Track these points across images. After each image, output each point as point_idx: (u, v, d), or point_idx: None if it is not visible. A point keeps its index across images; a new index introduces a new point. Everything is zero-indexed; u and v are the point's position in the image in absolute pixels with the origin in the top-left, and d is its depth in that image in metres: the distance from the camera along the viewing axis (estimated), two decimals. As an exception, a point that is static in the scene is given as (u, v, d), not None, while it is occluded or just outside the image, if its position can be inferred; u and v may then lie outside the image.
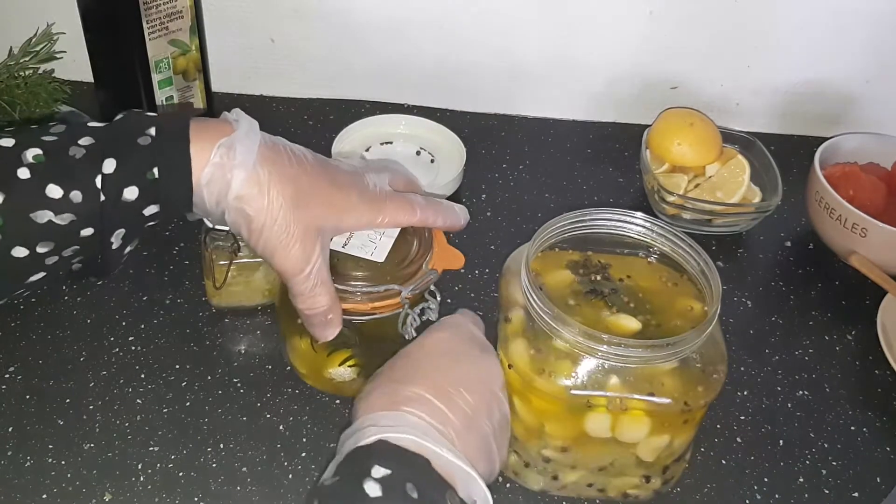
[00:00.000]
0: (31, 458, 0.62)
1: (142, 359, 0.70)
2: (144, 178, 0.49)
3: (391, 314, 0.62)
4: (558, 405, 0.56)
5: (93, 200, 0.48)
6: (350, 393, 0.65)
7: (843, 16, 0.92)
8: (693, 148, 0.87)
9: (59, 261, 0.50)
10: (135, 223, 0.51)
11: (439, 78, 0.99)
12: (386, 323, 0.62)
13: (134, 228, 0.52)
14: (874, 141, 0.90)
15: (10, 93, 0.84)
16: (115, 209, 0.49)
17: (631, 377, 0.54)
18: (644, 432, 0.56)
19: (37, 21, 0.89)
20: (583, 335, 0.53)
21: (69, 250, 0.49)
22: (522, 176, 0.93)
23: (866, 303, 0.80)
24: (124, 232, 0.51)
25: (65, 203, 0.47)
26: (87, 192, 0.48)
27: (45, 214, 0.47)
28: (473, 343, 0.58)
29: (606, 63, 0.98)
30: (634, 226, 0.61)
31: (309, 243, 0.54)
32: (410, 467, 0.46)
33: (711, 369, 0.56)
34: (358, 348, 0.65)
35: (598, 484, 0.61)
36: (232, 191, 0.51)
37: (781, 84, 0.99)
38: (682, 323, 0.59)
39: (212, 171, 0.51)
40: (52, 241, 0.48)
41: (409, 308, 0.61)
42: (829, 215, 0.81)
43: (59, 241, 0.48)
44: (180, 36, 0.84)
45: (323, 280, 0.56)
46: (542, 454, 0.59)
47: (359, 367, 0.66)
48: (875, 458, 0.68)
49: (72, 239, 0.49)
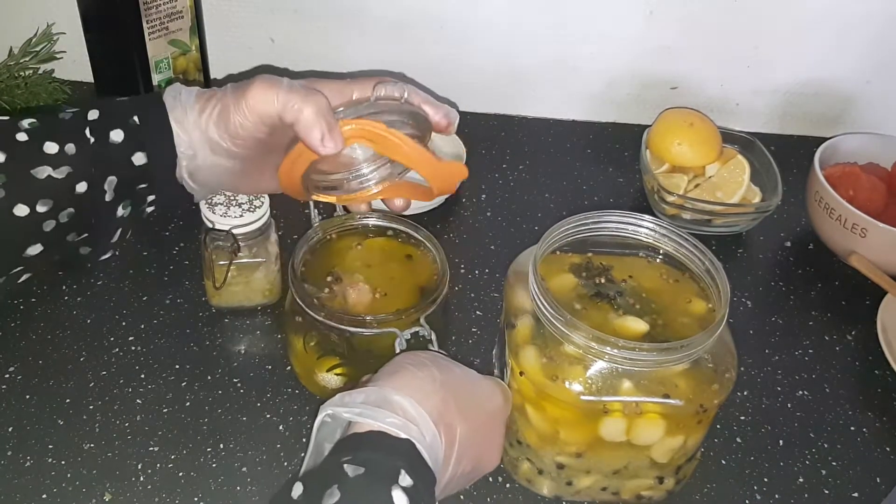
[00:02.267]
0: (31, 458, 0.62)
1: (142, 359, 0.70)
2: (127, 123, 0.53)
3: (381, 333, 0.61)
4: (572, 411, 0.56)
5: (84, 149, 0.51)
6: None
7: (842, 16, 0.92)
8: (693, 148, 0.87)
9: (56, 229, 0.51)
10: (126, 174, 0.53)
11: (439, 78, 0.99)
12: (375, 339, 0.62)
13: (126, 183, 0.53)
14: (874, 141, 0.90)
15: (10, 93, 0.84)
16: (103, 150, 0.52)
17: (644, 380, 0.54)
18: (659, 434, 0.56)
19: (37, 21, 0.89)
20: (595, 340, 0.53)
21: (65, 214, 0.51)
22: (522, 176, 0.93)
23: (866, 303, 0.80)
24: (116, 181, 0.52)
25: (61, 157, 0.50)
26: (78, 143, 0.51)
27: (44, 170, 0.50)
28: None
29: (606, 63, 0.98)
30: (643, 229, 0.61)
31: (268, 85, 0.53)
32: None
33: (723, 369, 0.56)
34: (346, 359, 0.64)
35: (611, 487, 0.61)
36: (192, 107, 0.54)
37: (781, 84, 0.99)
38: (688, 321, 0.59)
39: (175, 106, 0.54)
40: (50, 199, 0.50)
41: (400, 332, 0.60)
42: (829, 215, 0.81)
43: (57, 199, 0.50)
44: (180, 36, 0.84)
45: (300, 93, 0.53)
46: (555, 461, 0.59)
47: (346, 377, 0.66)
48: (875, 458, 0.68)
49: (68, 197, 0.51)
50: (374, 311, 0.63)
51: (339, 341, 0.63)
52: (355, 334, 0.62)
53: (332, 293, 0.65)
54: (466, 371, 0.56)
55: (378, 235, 0.69)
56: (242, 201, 0.69)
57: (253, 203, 0.69)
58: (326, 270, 0.66)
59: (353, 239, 0.69)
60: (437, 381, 0.51)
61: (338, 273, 0.66)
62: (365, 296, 0.65)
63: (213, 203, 0.69)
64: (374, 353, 0.61)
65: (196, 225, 0.72)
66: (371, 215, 0.68)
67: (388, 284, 0.66)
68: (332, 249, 0.68)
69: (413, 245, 0.69)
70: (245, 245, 0.70)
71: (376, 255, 0.68)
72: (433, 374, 0.52)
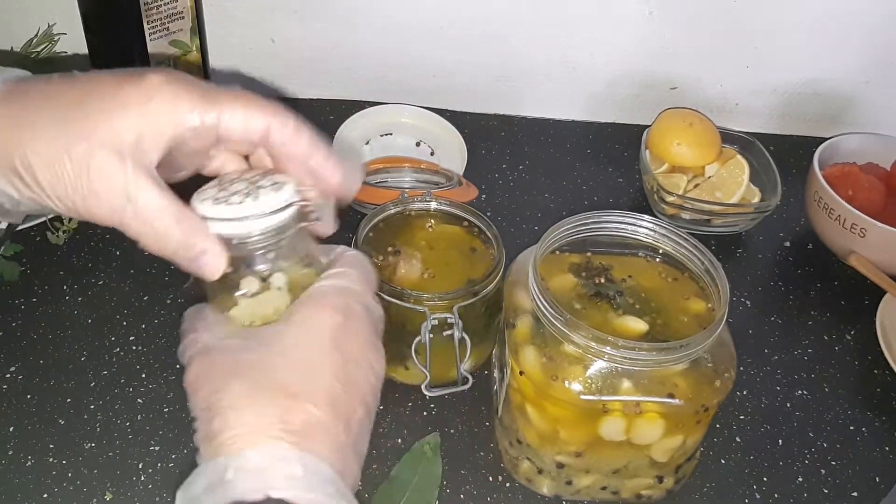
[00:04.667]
0: (31, 458, 0.63)
1: (143, 358, 0.70)
2: None
3: (412, 308, 0.63)
4: (572, 410, 0.56)
5: None
6: None
7: (842, 16, 0.92)
8: (692, 148, 0.88)
9: None
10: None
11: (439, 78, 0.99)
12: (409, 315, 0.63)
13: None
14: (873, 141, 0.90)
15: (10, 93, 0.84)
16: None
17: (644, 380, 0.55)
18: (658, 434, 0.57)
19: (38, 22, 0.89)
20: (595, 340, 0.53)
21: None
22: (522, 176, 0.93)
23: (865, 303, 0.81)
24: None
25: None
26: None
27: None
28: (371, 327, 0.43)
29: (606, 63, 0.98)
30: (642, 229, 0.62)
31: (108, 171, 0.37)
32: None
33: (723, 368, 0.56)
34: None
35: (611, 486, 0.61)
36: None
37: (781, 84, 0.99)
38: (687, 320, 0.59)
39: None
40: None
41: (430, 313, 0.62)
42: (829, 215, 0.81)
43: None
44: (181, 37, 0.84)
45: (160, 210, 0.38)
46: (555, 460, 0.60)
47: None
48: (874, 457, 0.68)
49: None
50: (416, 289, 0.64)
51: None
52: (392, 304, 0.63)
53: (385, 262, 0.67)
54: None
55: (452, 223, 0.71)
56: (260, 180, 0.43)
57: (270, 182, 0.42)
58: (391, 241, 0.69)
59: (428, 220, 0.71)
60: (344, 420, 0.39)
61: (399, 247, 0.68)
62: (414, 272, 0.67)
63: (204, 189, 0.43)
64: (407, 327, 0.63)
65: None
66: (452, 204, 0.72)
67: (442, 269, 0.68)
68: (404, 224, 0.71)
69: (481, 240, 0.70)
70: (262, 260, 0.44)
71: (442, 240, 0.70)
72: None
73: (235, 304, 0.42)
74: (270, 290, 0.42)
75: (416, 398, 0.68)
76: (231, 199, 0.40)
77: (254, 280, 0.42)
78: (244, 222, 0.40)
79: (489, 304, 0.66)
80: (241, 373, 0.38)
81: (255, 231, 0.40)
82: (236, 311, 0.42)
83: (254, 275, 0.42)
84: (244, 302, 0.42)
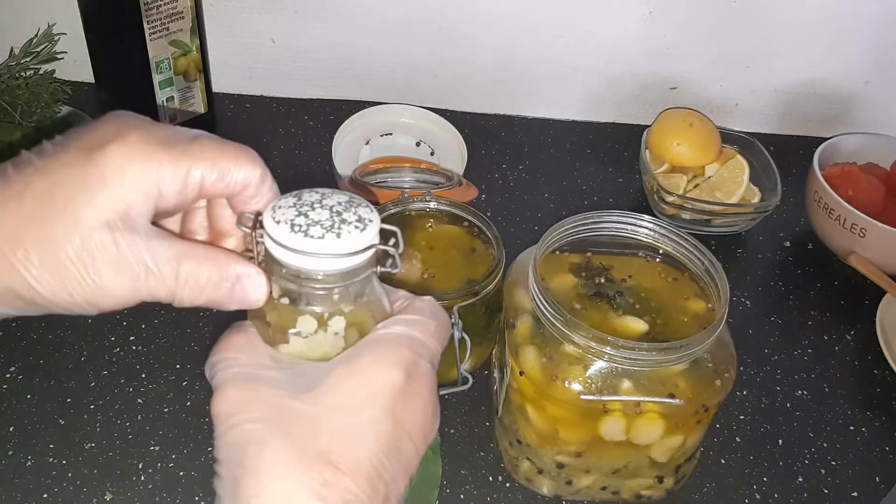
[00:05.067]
0: (31, 458, 0.63)
1: (143, 358, 0.70)
2: None
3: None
4: (572, 410, 0.56)
5: None
6: None
7: (842, 17, 0.92)
8: (692, 148, 0.88)
9: None
10: None
11: (439, 78, 0.99)
12: None
13: None
14: (873, 141, 0.90)
15: (11, 93, 0.84)
16: None
17: (644, 380, 0.55)
18: (658, 434, 0.57)
19: (38, 22, 0.89)
20: (595, 340, 0.53)
21: None
22: (522, 176, 0.93)
23: (865, 303, 0.81)
24: None
25: None
26: None
27: None
28: (435, 388, 0.38)
29: (606, 63, 0.98)
30: (642, 228, 0.62)
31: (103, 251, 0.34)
32: None
33: (723, 368, 0.56)
34: None
35: (611, 486, 0.61)
36: None
37: (781, 84, 0.99)
38: (687, 320, 0.59)
39: None
40: None
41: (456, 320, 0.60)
42: (829, 215, 0.81)
43: None
44: (181, 36, 0.84)
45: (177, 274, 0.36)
46: (555, 460, 0.60)
47: None
48: (874, 457, 0.68)
49: None
50: (416, 289, 0.63)
51: None
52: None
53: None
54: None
55: (452, 223, 0.71)
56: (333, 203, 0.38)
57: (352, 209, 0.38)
58: None
59: (428, 220, 0.71)
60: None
61: None
62: (413, 272, 0.67)
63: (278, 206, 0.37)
64: None
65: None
66: (452, 204, 0.71)
67: (442, 269, 0.67)
68: (404, 224, 0.71)
69: (481, 240, 0.70)
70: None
71: (442, 240, 0.70)
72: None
73: (286, 343, 0.38)
74: (327, 333, 0.38)
75: (416, 398, 0.68)
76: (311, 231, 0.35)
77: (311, 320, 0.38)
78: (316, 258, 0.36)
79: (489, 304, 0.66)
80: (286, 426, 0.33)
81: (325, 269, 0.36)
82: (286, 349, 0.38)
83: (313, 314, 0.38)
84: (296, 341, 0.38)
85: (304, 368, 0.36)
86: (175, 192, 0.35)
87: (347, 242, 0.36)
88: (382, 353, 0.36)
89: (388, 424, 0.34)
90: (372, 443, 0.34)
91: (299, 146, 0.94)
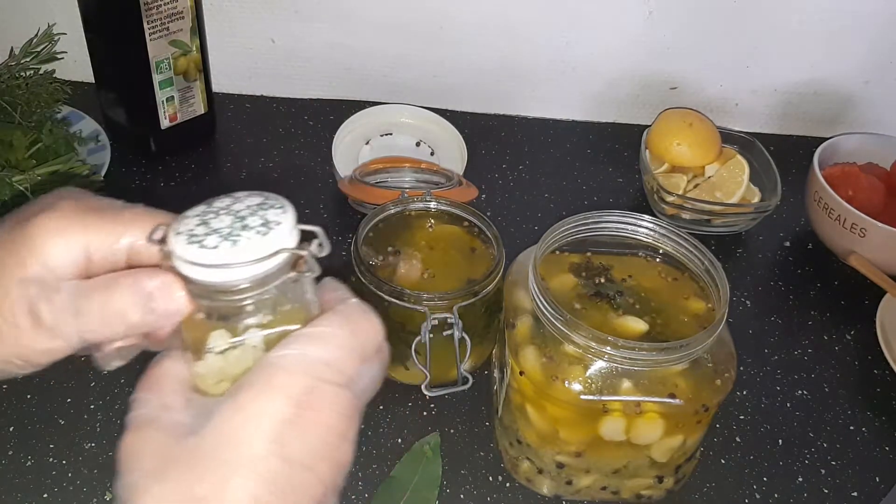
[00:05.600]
0: (32, 458, 0.63)
1: (143, 358, 0.70)
2: None
3: (412, 308, 0.63)
4: (572, 410, 0.56)
5: None
6: None
7: (842, 17, 0.92)
8: (692, 148, 0.88)
9: None
10: None
11: (439, 78, 0.99)
12: (409, 315, 0.63)
13: None
14: (873, 141, 0.90)
15: (11, 93, 0.84)
16: None
17: (644, 380, 0.55)
18: (658, 434, 0.57)
19: (38, 21, 0.89)
20: (595, 340, 0.53)
21: None
22: (522, 176, 0.93)
23: (865, 303, 0.81)
24: None
25: None
26: None
27: None
28: (344, 410, 0.34)
29: (606, 63, 0.98)
30: (642, 228, 0.62)
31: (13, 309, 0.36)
32: None
33: (723, 368, 0.56)
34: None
35: (611, 486, 0.61)
36: None
37: (781, 84, 0.99)
38: (688, 320, 0.59)
39: None
40: None
41: (430, 313, 0.62)
42: (829, 215, 0.81)
43: None
44: (181, 36, 0.84)
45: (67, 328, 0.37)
46: (555, 460, 0.60)
47: None
48: (874, 457, 0.68)
49: None
50: (416, 289, 0.64)
51: (378, 308, 0.64)
52: (392, 304, 0.63)
53: (385, 262, 0.67)
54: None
55: (452, 223, 0.71)
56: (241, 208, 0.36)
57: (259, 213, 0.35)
58: (391, 241, 0.69)
59: (428, 220, 0.72)
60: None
61: (399, 247, 0.69)
62: (413, 272, 0.67)
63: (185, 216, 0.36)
64: (407, 327, 0.64)
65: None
66: (452, 204, 0.72)
67: (442, 269, 0.68)
68: (404, 224, 0.71)
69: (481, 240, 0.70)
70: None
71: (442, 240, 0.70)
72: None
73: (203, 361, 0.36)
74: (244, 347, 0.36)
75: (416, 398, 0.68)
76: (207, 241, 0.33)
77: (224, 334, 0.35)
78: (210, 270, 0.33)
79: (489, 304, 0.66)
80: (165, 473, 0.33)
81: (223, 280, 0.34)
82: (202, 367, 0.36)
83: (227, 328, 0.35)
84: (211, 358, 0.36)
85: (207, 404, 0.35)
86: (102, 255, 0.36)
87: (244, 250, 0.33)
88: (265, 383, 0.33)
89: (273, 461, 0.32)
90: (252, 483, 0.32)
91: (299, 146, 0.94)
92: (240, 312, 0.35)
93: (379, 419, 0.67)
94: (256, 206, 0.35)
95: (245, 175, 0.89)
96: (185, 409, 0.35)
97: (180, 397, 0.36)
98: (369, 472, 0.63)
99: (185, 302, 0.36)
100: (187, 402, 0.35)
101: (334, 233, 0.82)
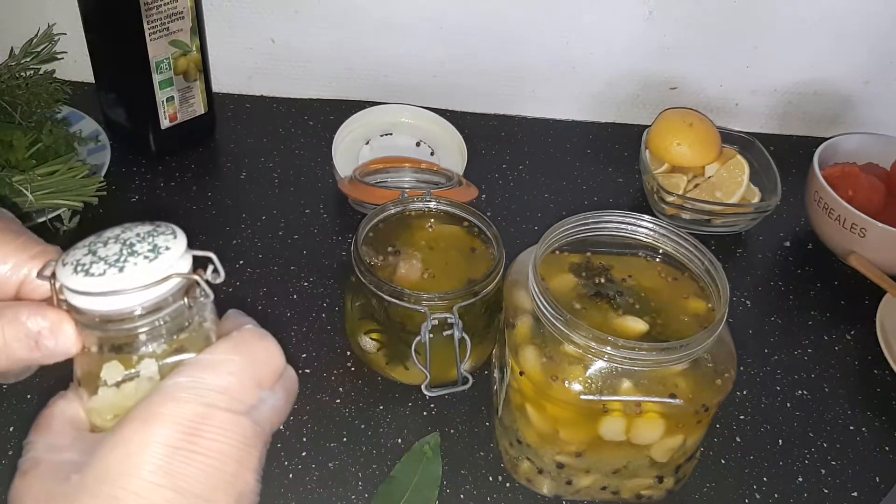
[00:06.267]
0: (32, 458, 0.63)
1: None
2: None
3: (413, 308, 0.63)
4: (572, 410, 0.56)
5: None
6: (371, 366, 0.70)
7: (842, 17, 0.93)
8: (692, 148, 0.88)
9: None
10: None
11: (439, 78, 0.99)
12: (409, 314, 0.63)
13: None
14: (873, 141, 0.90)
15: (11, 93, 0.84)
16: None
17: (644, 380, 0.54)
18: (659, 434, 0.57)
19: (38, 22, 0.89)
20: (595, 340, 0.53)
21: None
22: (522, 176, 0.93)
23: (865, 302, 0.81)
24: None
25: None
26: None
27: None
28: (245, 440, 0.33)
29: (606, 63, 0.98)
30: (642, 228, 0.62)
31: None
32: None
33: (723, 368, 0.56)
34: (382, 326, 0.67)
35: (611, 487, 0.61)
36: None
37: (781, 84, 0.99)
38: (688, 320, 0.59)
39: None
40: None
41: (430, 313, 0.62)
42: (829, 215, 0.81)
43: None
44: (181, 36, 0.84)
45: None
46: (555, 460, 0.59)
47: (380, 344, 0.68)
48: (874, 457, 0.68)
49: None
50: (416, 289, 0.64)
51: (378, 308, 0.65)
52: (392, 304, 0.63)
53: (385, 262, 0.67)
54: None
55: (452, 223, 0.71)
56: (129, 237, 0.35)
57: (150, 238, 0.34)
58: (391, 241, 0.69)
59: (428, 220, 0.72)
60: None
61: (398, 247, 0.69)
62: (413, 272, 0.67)
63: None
64: (407, 327, 0.64)
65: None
66: (452, 204, 0.72)
67: (441, 269, 0.68)
68: (404, 224, 0.71)
69: (481, 240, 0.70)
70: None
71: (442, 240, 0.70)
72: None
73: (96, 395, 0.35)
74: (139, 379, 0.34)
75: (416, 398, 0.68)
76: (93, 269, 0.32)
77: (117, 366, 0.34)
78: (94, 298, 0.32)
79: (489, 304, 0.66)
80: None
81: (110, 308, 0.33)
82: (96, 402, 0.35)
83: (121, 360, 0.34)
84: (105, 392, 0.34)
85: (97, 439, 0.33)
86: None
87: (132, 276, 0.32)
88: (151, 411, 0.32)
89: (164, 493, 0.31)
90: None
91: (299, 146, 0.94)
92: (133, 342, 0.34)
93: (379, 419, 0.67)
94: (146, 234, 0.34)
95: (245, 175, 0.89)
96: (71, 448, 0.34)
97: (68, 436, 0.35)
98: (369, 472, 0.63)
99: (75, 339, 0.34)
100: (74, 441, 0.34)
101: (334, 233, 0.82)
